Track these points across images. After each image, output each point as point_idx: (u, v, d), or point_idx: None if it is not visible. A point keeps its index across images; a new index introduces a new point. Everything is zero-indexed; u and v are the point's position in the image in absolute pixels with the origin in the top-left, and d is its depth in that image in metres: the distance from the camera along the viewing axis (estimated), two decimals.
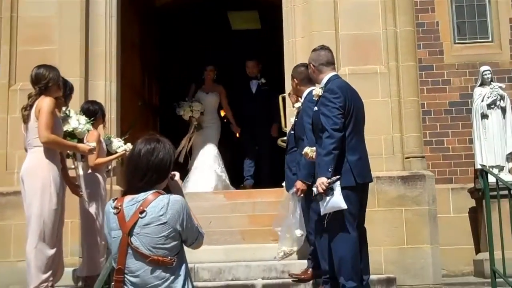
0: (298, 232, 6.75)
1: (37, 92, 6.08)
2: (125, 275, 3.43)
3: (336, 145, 5.41)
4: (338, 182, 5.37)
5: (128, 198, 3.47)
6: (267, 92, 10.00)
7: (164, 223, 3.39)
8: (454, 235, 8.77)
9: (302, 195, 6.31)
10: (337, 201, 5.35)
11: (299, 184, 6.25)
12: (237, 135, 10.67)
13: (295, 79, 6.75)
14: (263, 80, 10.19)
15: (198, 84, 10.07)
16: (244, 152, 10.24)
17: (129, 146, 7.18)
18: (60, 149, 6.20)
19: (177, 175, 3.72)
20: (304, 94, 6.61)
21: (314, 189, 5.44)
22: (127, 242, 3.40)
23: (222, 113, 10.74)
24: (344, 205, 5.37)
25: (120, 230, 3.43)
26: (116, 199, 3.54)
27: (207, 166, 9.46)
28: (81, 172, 6.83)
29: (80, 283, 6.86)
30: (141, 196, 3.44)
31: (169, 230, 3.40)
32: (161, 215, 3.39)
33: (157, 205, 3.40)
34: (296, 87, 6.78)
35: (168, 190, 3.62)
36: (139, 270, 3.41)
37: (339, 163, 5.49)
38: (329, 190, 5.32)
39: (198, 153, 9.67)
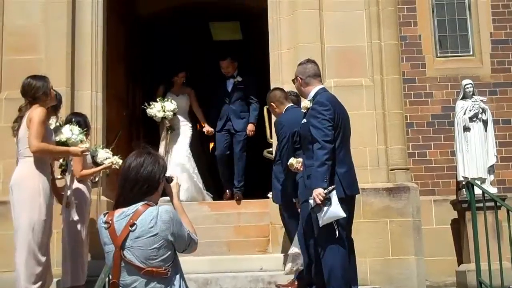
0: (292, 249, 6.66)
1: (26, 103, 6.09)
2: None
3: (328, 156, 5.49)
4: (334, 192, 5.43)
5: (118, 212, 3.50)
6: (244, 90, 9.67)
7: (155, 234, 3.40)
8: (436, 246, 8.82)
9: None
10: (335, 210, 5.41)
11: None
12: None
13: (272, 104, 7.09)
14: (239, 79, 9.71)
15: (167, 86, 9.77)
16: (219, 158, 9.64)
17: (115, 158, 7.15)
18: (52, 156, 6.24)
19: (175, 179, 3.75)
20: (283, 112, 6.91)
21: (311, 201, 5.48)
22: (120, 255, 3.41)
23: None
24: (342, 214, 5.43)
25: (112, 244, 3.45)
26: (107, 213, 3.56)
27: (179, 170, 8.99)
28: (68, 182, 6.83)
29: None
30: (131, 209, 3.46)
31: (161, 242, 3.41)
32: (151, 227, 3.40)
33: (146, 217, 3.42)
34: (275, 111, 7.09)
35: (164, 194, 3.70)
36: (134, 282, 3.42)
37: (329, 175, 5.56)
38: (326, 201, 5.38)
39: (171, 158, 9.19)
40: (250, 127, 9.49)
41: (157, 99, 9.30)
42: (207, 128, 9.77)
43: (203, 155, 11.11)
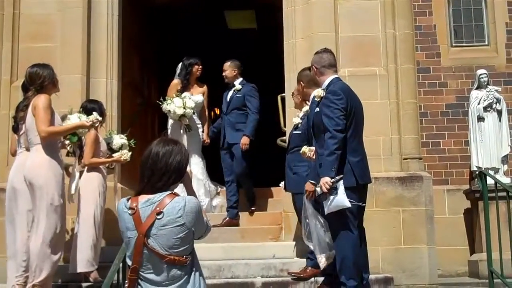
0: (328, 236, 6.24)
1: (33, 92, 6.15)
2: (140, 273, 3.47)
3: (338, 146, 5.52)
4: (341, 182, 5.48)
5: (143, 198, 3.49)
6: (241, 99, 8.53)
7: (182, 224, 3.41)
8: (449, 235, 8.87)
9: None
10: (341, 199, 5.46)
11: (308, 186, 6.05)
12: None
13: (301, 82, 6.75)
14: (238, 87, 8.60)
15: (184, 81, 8.63)
16: (224, 174, 8.60)
17: (125, 152, 7.18)
18: (61, 135, 6.36)
19: (188, 167, 3.75)
20: (311, 97, 6.71)
21: (318, 189, 5.54)
22: (142, 242, 3.42)
23: None
24: (348, 204, 5.48)
25: (135, 230, 3.44)
26: (129, 198, 3.54)
27: (195, 180, 8.25)
28: (76, 170, 6.92)
29: (88, 280, 6.89)
30: (157, 197, 3.46)
31: (186, 232, 3.43)
32: (179, 217, 3.41)
33: (174, 206, 3.42)
34: (302, 90, 6.78)
35: None
36: (154, 268, 3.45)
37: (340, 164, 5.60)
38: (332, 190, 5.43)
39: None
40: (243, 140, 8.28)
41: (174, 95, 8.40)
42: (205, 137, 8.77)
43: None
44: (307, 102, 6.77)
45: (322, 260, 6.47)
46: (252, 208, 8.46)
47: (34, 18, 8.19)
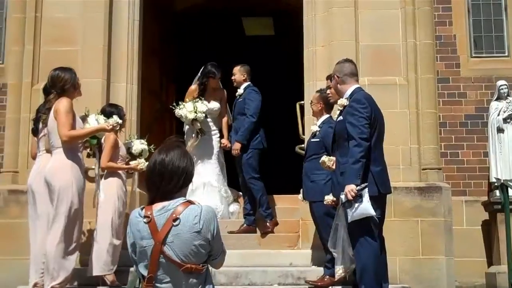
0: (352, 251, 6.07)
1: (55, 96, 6.20)
2: (156, 283, 3.41)
3: (364, 154, 5.52)
4: (366, 189, 5.46)
5: (157, 206, 3.44)
6: (243, 104, 8.32)
7: (198, 231, 3.37)
8: (467, 247, 8.82)
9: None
10: (365, 207, 5.45)
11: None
12: None
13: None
14: (240, 91, 8.43)
15: (200, 90, 8.63)
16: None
17: (142, 161, 7.16)
18: (83, 139, 6.38)
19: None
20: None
21: (342, 196, 5.53)
22: (159, 250, 3.36)
23: None
24: (372, 212, 5.47)
25: (152, 239, 3.38)
26: (143, 207, 3.49)
27: (209, 187, 8.36)
28: (97, 171, 6.95)
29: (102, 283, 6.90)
30: (172, 204, 3.41)
31: (202, 239, 3.39)
32: (195, 224, 3.37)
33: (190, 213, 3.38)
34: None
35: None
36: (170, 277, 3.40)
37: (363, 173, 5.58)
38: (357, 197, 5.42)
39: (198, 170, 8.04)
40: (234, 146, 8.17)
41: (187, 99, 8.49)
42: (224, 141, 8.62)
43: None
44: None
45: (339, 271, 6.45)
46: (267, 224, 8.00)
47: (55, 21, 8.23)
